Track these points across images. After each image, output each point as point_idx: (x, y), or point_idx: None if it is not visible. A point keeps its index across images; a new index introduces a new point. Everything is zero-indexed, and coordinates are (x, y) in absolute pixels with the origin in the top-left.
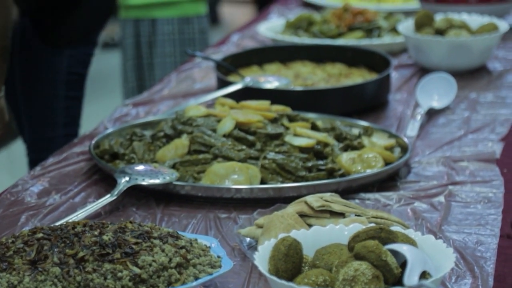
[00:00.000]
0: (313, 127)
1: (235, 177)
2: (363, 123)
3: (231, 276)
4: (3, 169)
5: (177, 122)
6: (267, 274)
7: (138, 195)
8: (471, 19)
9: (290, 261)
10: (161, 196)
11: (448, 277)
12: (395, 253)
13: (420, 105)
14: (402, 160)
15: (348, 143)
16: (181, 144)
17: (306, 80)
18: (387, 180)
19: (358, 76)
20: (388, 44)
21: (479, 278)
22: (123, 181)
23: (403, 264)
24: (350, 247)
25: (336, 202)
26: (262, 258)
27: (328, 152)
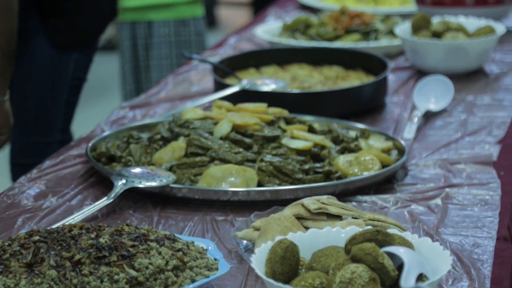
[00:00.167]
0: (310, 129)
1: (232, 179)
2: (360, 125)
3: (228, 278)
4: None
5: (174, 125)
6: (264, 277)
7: (135, 197)
8: (468, 22)
9: (286, 263)
10: (158, 199)
11: (445, 280)
12: (391, 256)
13: (417, 108)
14: (399, 162)
15: (345, 145)
16: (178, 146)
17: (303, 82)
18: (384, 183)
19: (355, 79)
20: (385, 47)
21: (476, 280)
22: (120, 184)
23: (399, 267)
24: (347, 249)
25: (333, 205)
26: (258, 260)
27: (325, 155)
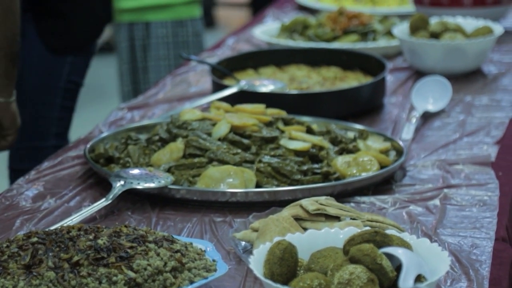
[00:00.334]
0: (308, 130)
1: (230, 180)
2: (358, 126)
3: (226, 280)
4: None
5: (172, 126)
6: (262, 278)
7: (133, 199)
8: (466, 23)
9: (285, 264)
10: (156, 200)
11: (443, 281)
12: (390, 257)
13: (415, 108)
14: (397, 163)
15: (343, 146)
16: (176, 148)
17: (301, 83)
18: (382, 184)
19: (353, 80)
20: (383, 48)
21: (474, 281)
22: (118, 185)
23: (398, 268)
24: (345, 250)
25: (331, 206)
26: (257, 261)
27: (323, 156)
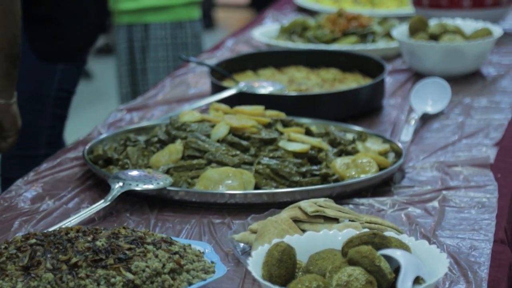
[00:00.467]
0: (307, 132)
1: (229, 182)
2: (357, 128)
3: (225, 281)
4: None
5: (171, 128)
6: (261, 280)
7: (132, 200)
8: (465, 24)
9: (283, 266)
10: (155, 202)
11: (441, 283)
12: (388, 259)
13: (414, 110)
14: (396, 165)
15: (342, 148)
16: (175, 149)
17: (300, 85)
18: (381, 185)
19: (352, 81)
20: (382, 49)
21: (473, 283)
22: (117, 187)
23: (396, 270)
24: (344, 252)
25: (330, 207)
26: (255, 263)
27: (322, 157)
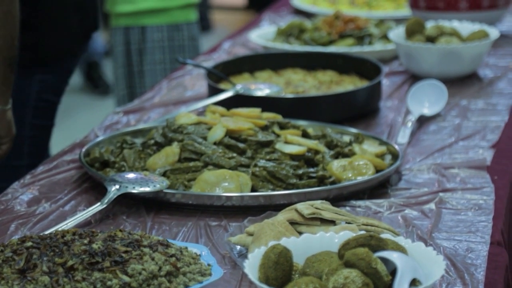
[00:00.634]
0: (304, 134)
1: (225, 184)
2: (354, 130)
3: (222, 284)
4: None
5: (167, 130)
6: (257, 282)
7: (128, 203)
8: (462, 27)
9: (280, 269)
10: (152, 204)
11: (438, 285)
12: (385, 261)
13: (411, 112)
14: (393, 167)
15: (339, 150)
16: (171, 152)
17: (297, 87)
18: (378, 188)
19: (349, 84)
20: (379, 51)
21: (470, 285)
22: (113, 189)
23: (393, 272)
24: (340, 254)
25: (326, 210)
26: (252, 266)
27: (319, 160)
